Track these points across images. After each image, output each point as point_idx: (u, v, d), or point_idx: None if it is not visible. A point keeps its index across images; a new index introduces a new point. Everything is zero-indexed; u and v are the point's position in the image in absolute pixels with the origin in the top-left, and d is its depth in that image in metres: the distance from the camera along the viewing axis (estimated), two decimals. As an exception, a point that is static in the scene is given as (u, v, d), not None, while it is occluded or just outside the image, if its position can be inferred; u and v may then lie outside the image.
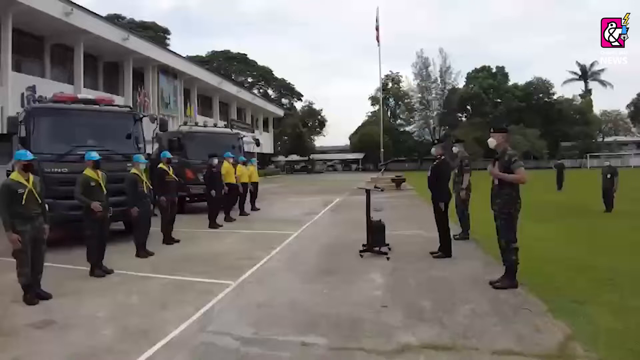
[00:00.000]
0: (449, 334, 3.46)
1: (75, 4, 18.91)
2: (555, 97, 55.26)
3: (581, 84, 59.41)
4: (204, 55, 56.89)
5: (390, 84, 63.29)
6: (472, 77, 57.45)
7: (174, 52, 29.55)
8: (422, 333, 3.50)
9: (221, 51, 58.38)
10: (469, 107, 55.73)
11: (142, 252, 6.66)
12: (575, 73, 58.40)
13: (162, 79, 27.15)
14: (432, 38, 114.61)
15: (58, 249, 6.65)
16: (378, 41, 23.07)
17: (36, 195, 4.66)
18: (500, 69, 57.27)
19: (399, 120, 64.50)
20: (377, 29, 22.67)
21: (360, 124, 63.44)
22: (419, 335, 3.46)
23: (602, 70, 54.95)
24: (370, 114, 64.31)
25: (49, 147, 7.32)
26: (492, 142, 4.75)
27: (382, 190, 7.80)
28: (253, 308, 4.23)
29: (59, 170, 7.18)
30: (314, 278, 5.29)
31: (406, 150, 56.82)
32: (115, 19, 44.79)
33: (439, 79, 57.87)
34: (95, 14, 21.74)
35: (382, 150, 24.96)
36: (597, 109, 56.55)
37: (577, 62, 58.15)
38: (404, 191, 19.40)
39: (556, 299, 4.22)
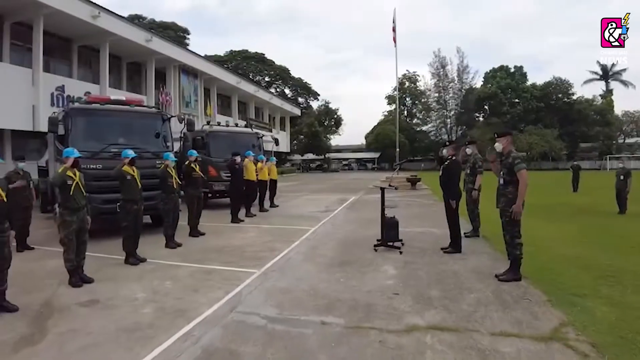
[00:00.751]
0: (453, 318, 3.82)
1: (101, 7, 19.63)
2: (574, 97, 54.30)
3: (602, 84, 58.34)
4: (222, 54, 57.77)
5: (407, 83, 63.18)
6: (489, 76, 57.04)
7: (194, 52, 30.18)
8: (429, 317, 3.86)
9: (239, 51, 59.08)
10: (486, 106, 55.27)
11: (171, 243, 7.16)
12: (596, 73, 57.33)
13: (183, 79, 27.78)
14: (450, 36, 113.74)
15: (92, 240, 7.17)
16: (395, 42, 23.28)
17: (82, 188, 5.19)
18: (519, 69, 56.72)
19: (415, 120, 64.35)
20: (393, 29, 22.87)
21: (376, 123, 63.51)
22: (426, 318, 3.83)
23: (624, 70, 53.98)
24: (386, 113, 64.30)
25: (84, 144, 7.70)
26: (498, 146, 5.05)
27: (395, 189, 8.13)
28: (277, 293, 4.66)
29: (94, 166, 7.61)
30: (331, 268, 5.68)
31: (423, 150, 56.73)
32: (136, 19, 45.84)
33: (456, 79, 57.77)
34: (120, 16, 22.48)
35: (397, 149, 25.13)
36: (618, 110, 55.33)
37: (597, 61, 56.96)
38: (419, 190, 19.62)
39: (557, 291, 4.49)
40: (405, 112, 64.23)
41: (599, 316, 3.84)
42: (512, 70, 56.70)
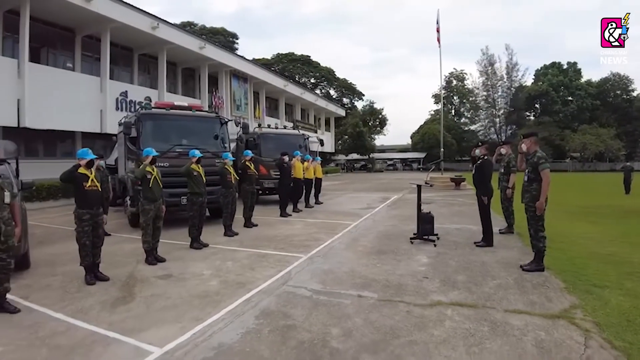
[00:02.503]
0: (474, 298, 4.37)
1: (160, 18, 21.25)
2: (634, 93, 51.22)
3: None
4: (269, 57, 59.53)
5: (454, 82, 62.19)
6: (540, 73, 55.00)
7: (244, 57, 31.62)
8: (452, 296, 4.44)
9: (285, 53, 60.66)
10: (537, 105, 53.32)
11: (229, 232, 8.12)
12: (660, 67, 53.71)
13: (234, 83, 29.26)
14: (499, 32, 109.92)
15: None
16: (439, 42, 23.34)
17: (159, 181, 6.18)
18: (572, 65, 54.16)
19: (463, 119, 63.14)
20: (437, 30, 22.95)
21: (422, 123, 62.98)
22: (450, 297, 4.41)
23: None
24: (433, 112, 63.67)
25: (153, 145, 8.72)
26: (523, 146, 5.52)
27: (430, 186, 8.65)
28: (320, 273, 5.41)
29: (162, 164, 8.52)
30: (369, 256, 6.34)
31: (471, 150, 55.39)
32: (188, 26, 48.36)
33: (505, 76, 56.06)
34: (176, 26, 24.13)
35: (442, 149, 25.15)
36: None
37: (662, 55, 53.38)
38: (462, 190, 19.69)
39: (577, 282, 4.81)
40: (453, 111, 63.26)
41: (612, 303, 4.14)
42: (565, 66, 54.25)
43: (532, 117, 55.18)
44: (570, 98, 51.85)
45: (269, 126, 15.98)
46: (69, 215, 5.25)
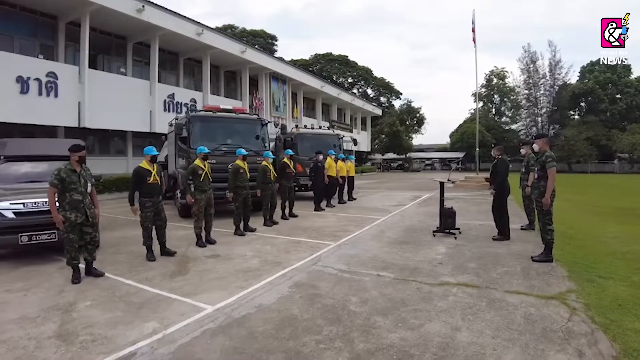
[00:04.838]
0: (480, 281, 4.96)
1: (204, 25, 22.59)
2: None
3: None
4: (307, 58, 60.53)
5: (495, 80, 60.70)
6: (586, 70, 52.21)
7: (283, 60, 32.79)
8: (460, 278, 5.06)
9: (323, 54, 61.40)
10: (582, 103, 51.03)
11: (269, 222, 9.06)
12: None
13: (274, 85, 30.44)
14: (543, 28, 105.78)
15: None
16: (474, 42, 23.32)
17: (209, 175, 7.13)
18: (621, 61, 51.16)
19: (504, 118, 61.43)
20: (473, 30, 22.94)
21: (462, 122, 61.97)
22: (458, 279, 5.03)
23: None
24: (472, 111, 62.38)
25: (201, 144, 9.73)
26: (535, 146, 6.01)
27: (453, 183, 9.13)
28: (347, 257, 6.18)
29: (209, 161, 9.56)
30: (392, 245, 7.03)
31: (511, 150, 53.93)
32: (228, 29, 50.04)
33: (547, 74, 53.79)
34: (219, 31, 25.39)
35: (477, 149, 25.10)
36: None
37: None
38: (496, 190, 19.71)
39: (583, 272, 5.21)
40: (494, 110, 61.73)
41: (610, 291, 4.51)
42: (613, 62, 51.46)
43: (576, 116, 52.84)
44: (618, 96, 48.76)
45: (305, 127, 16.84)
46: (125, 206, 6.22)
